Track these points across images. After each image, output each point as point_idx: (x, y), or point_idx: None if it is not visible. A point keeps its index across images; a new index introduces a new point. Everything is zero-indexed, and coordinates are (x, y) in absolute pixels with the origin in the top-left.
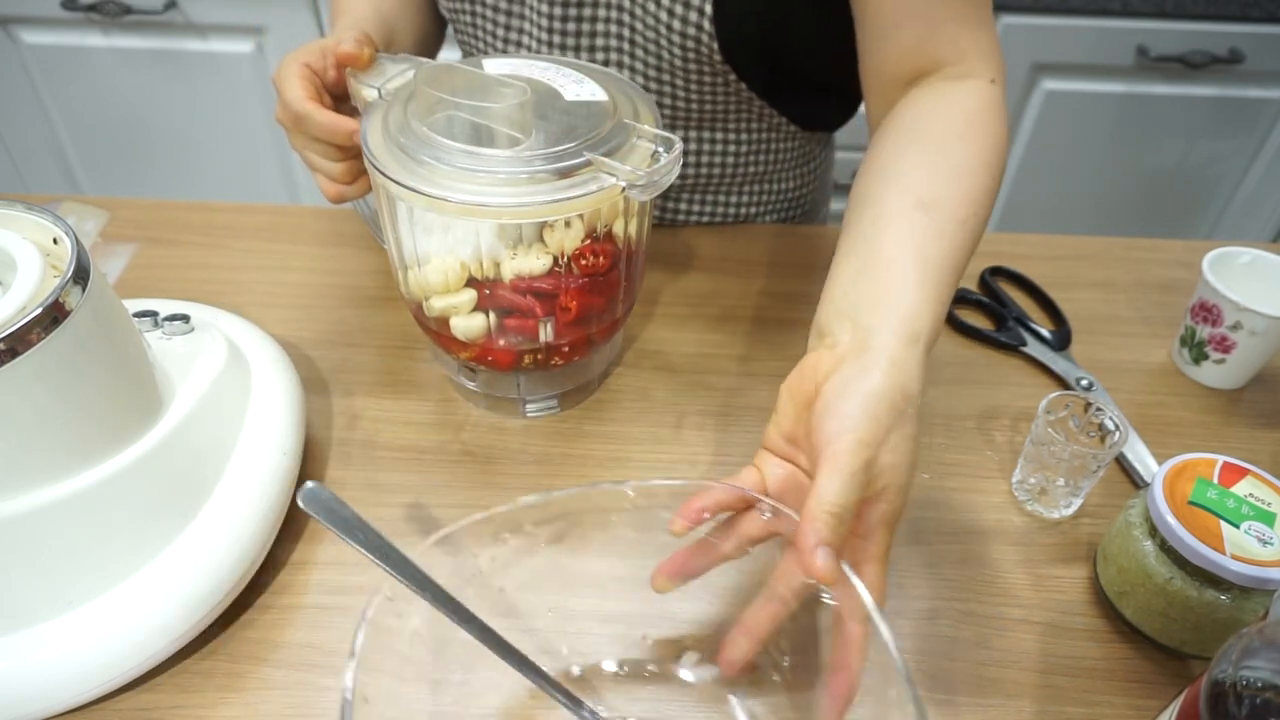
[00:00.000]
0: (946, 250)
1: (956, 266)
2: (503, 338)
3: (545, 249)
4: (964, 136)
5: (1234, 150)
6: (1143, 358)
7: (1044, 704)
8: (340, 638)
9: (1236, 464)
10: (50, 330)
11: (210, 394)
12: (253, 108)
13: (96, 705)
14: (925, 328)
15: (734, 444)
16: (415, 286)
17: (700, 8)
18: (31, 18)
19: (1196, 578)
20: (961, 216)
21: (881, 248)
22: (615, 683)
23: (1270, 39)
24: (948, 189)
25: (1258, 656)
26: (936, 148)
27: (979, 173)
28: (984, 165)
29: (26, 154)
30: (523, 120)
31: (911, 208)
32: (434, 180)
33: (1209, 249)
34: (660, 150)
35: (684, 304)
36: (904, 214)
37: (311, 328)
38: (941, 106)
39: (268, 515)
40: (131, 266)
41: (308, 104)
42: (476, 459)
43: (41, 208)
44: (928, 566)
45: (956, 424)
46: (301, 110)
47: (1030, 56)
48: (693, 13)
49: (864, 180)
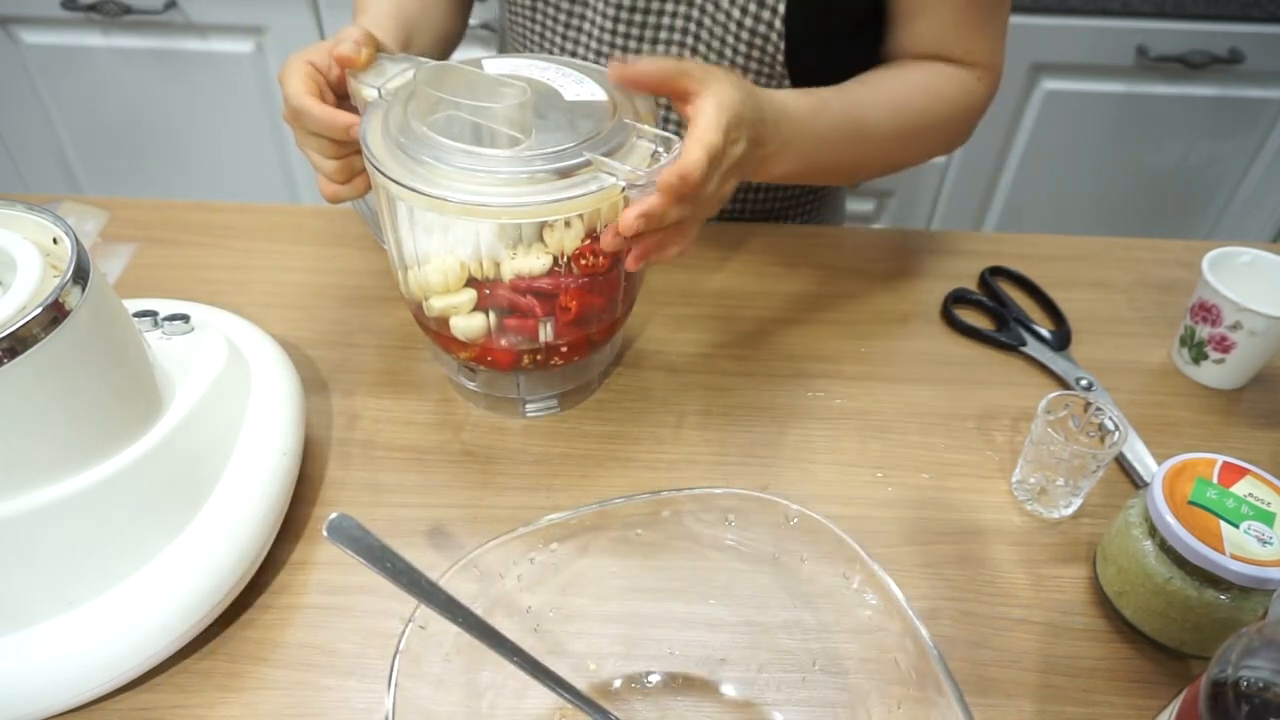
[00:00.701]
0: (850, 99)
1: (849, 115)
2: (503, 338)
3: (545, 249)
4: (922, 72)
5: (1234, 150)
6: (1142, 358)
7: (1043, 704)
8: (340, 637)
9: (1236, 464)
10: (50, 330)
11: (210, 394)
12: (253, 108)
13: (96, 705)
14: (793, 108)
15: (734, 444)
16: (415, 286)
17: (774, 7)
18: (31, 18)
19: (1196, 577)
20: (878, 98)
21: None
22: (651, 697)
23: (1270, 39)
24: (881, 83)
25: (1257, 656)
26: (894, 69)
27: (915, 91)
28: (926, 95)
29: (26, 154)
30: (523, 120)
31: (847, 82)
32: (434, 180)
33: (1209, 249)
34: (660, 150)
35: (684, 304)
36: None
37: (311, 328)
38: (923, 64)
39: (268, 515)
40: (131, 266)
41: (306, 98)
42: (476, 459)
43: (41, 208)
44: (928, 566)
45: (956, 424)
46: (299, 104)
47: (1030, 56)
48: (765, 11)
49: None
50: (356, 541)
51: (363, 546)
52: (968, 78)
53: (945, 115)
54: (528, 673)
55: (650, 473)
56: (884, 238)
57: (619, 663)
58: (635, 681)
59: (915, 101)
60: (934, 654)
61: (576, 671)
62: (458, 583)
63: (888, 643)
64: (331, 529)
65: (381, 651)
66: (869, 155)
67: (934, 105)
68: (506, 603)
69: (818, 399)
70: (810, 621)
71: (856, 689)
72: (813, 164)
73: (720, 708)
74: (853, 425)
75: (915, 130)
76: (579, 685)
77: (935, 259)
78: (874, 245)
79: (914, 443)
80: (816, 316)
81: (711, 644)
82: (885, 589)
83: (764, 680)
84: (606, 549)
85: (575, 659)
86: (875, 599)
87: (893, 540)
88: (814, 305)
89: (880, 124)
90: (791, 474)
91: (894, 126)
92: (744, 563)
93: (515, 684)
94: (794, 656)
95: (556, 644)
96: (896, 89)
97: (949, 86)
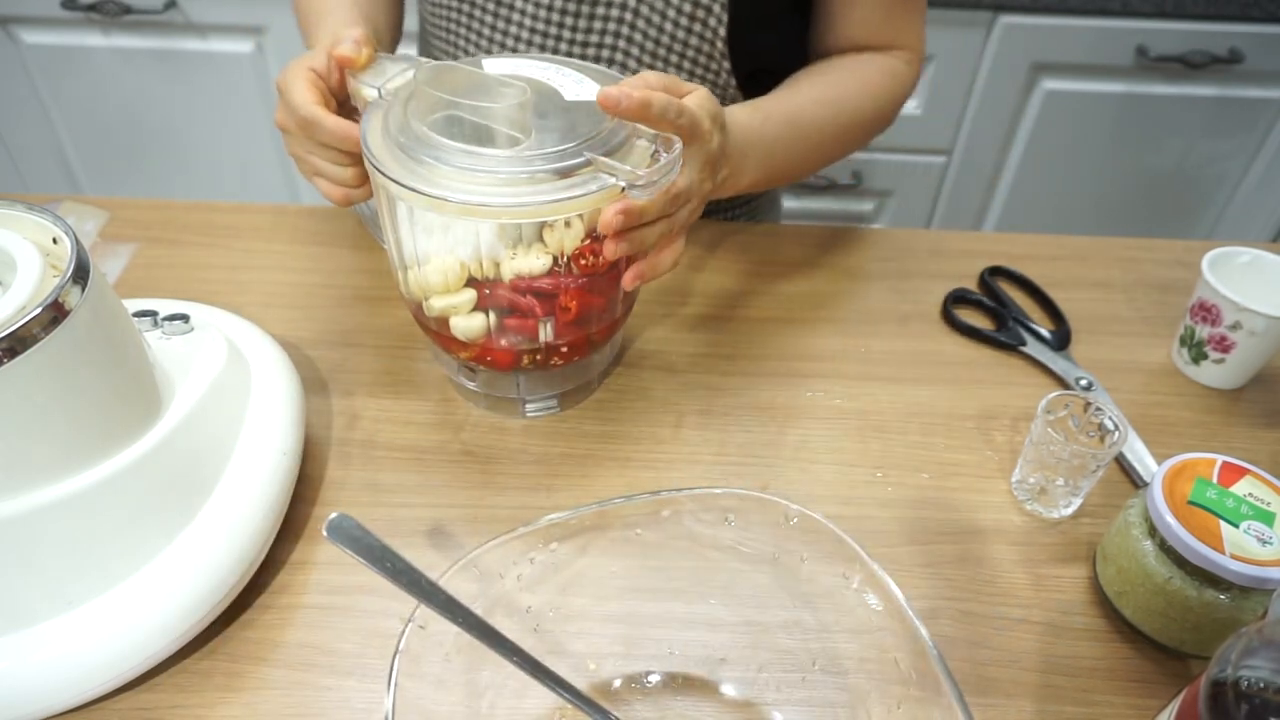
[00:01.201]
0: (790, 104)
1: (792, 119)
2: (502, 338)
3: (545, 249)
4: (851, 69)
5: (1234, 150)
6: (1142, 357)
7: (1043, 703)
8: (339, 637)
9: (1236, 464)
10: (50, 330)
11: (210, 394)
12: (253, 108)
13: (96, 705)
14: (744, 119)
15: (734, 444)
16: (415, 286)
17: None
18: (31, 18)
19: (1196, 577)
20: (815, 97)
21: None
22: (651, 697)
23: (1270, 39)
24: (814, 82)
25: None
26: (823, 67)
27: (845, 86)
28: (858, 89)
29: (26, 154)
30: (522, 120)
31: (782, 86)
32: (434, 180)
33: (1209, 249)
34: (659, 150)
35: (684, 304)
36: (775, 89)
37: (311, 328)
38: (849, 58)
39: (268, 515)
40: (131, 266)
41: (316, 109)
42: (476, 459)
43: (41, 208)
44: (927, 566)
45: (956, 424)
46: (310, 115)
47: (1030, 56)
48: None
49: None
50: (356, 541)
51: (363, 546)
52: (896, 65)
53: (878, 108)
54: (528, 673)
55: (650, 473)
56: (884, 238)
57: (619, 663)
58: (635, 681)
59: (850, 99)
60: (934, 654)
61: (576, 671)
62: (458, 583)
63: (888, 643)
64: (331, 529)
65: (381, 651)
66: (814, 156)
67: (867, 100)
68: (506, 603)
69: (817, 399)
70: (810, 621)
71: (856, 689)
72: (768, 172)
73: (720, 708)
74: (853, 425)
75: (852, 125)
76: (579, 685)
77: (935, 259)
78: (874, 245)
79: (914, 443)
80: (816, 316)
81: (711, 644)
82: (885, 589)
83: (764, 680)
84: (606, 549)
85: (575, 659)
86: (875, 599)
87: (893, 540)
88: (814, 305)
89: (822, 126)
90: (791, 474)
91: (834, 126)
92: (744, 563)
93: (515, 684)
94: (794, 656)
95: (556, 644)
96: (833, 89)
97: (880, 79)
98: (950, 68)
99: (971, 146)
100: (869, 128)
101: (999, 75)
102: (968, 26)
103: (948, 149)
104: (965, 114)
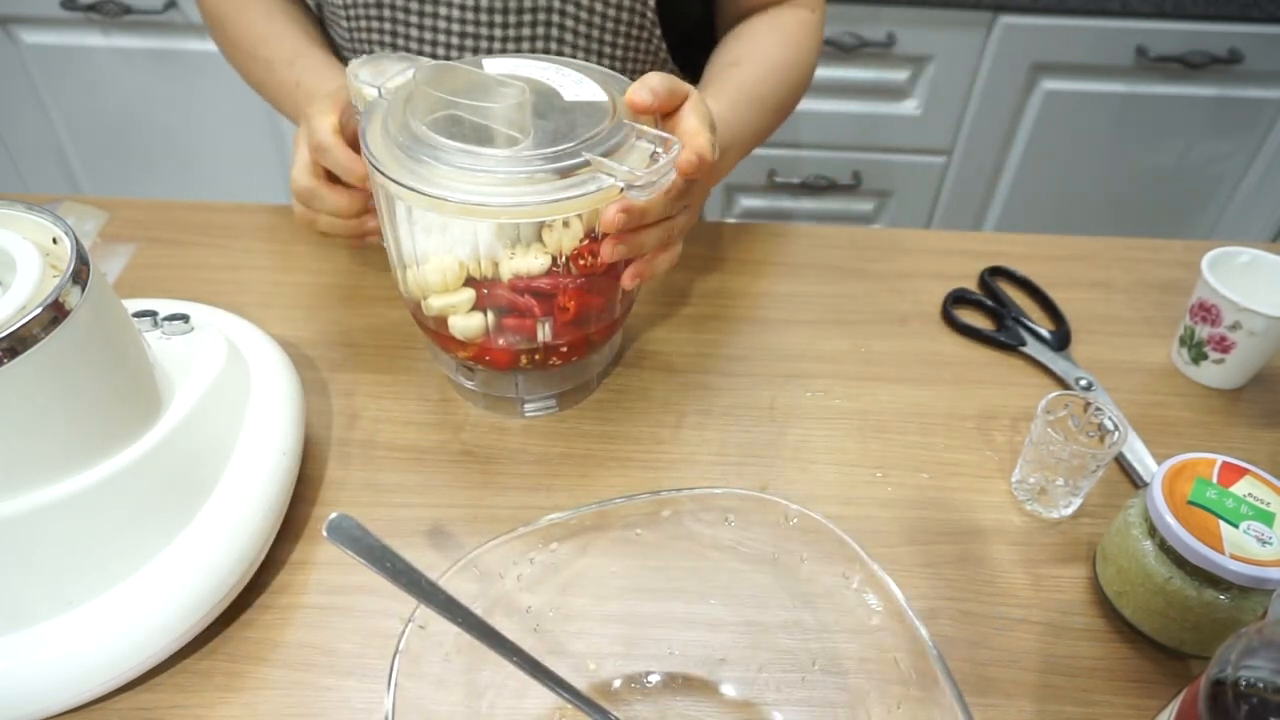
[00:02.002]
0: (746, 84)
1: (755, 96)
2: (501, 337)
3: (544, 249)
4: (774, 30)
5: (1234, 150)
6: (1142, 358)
7: (1043, 703)
8: (339, 637)
9: (1235, 464)
10: (50, 330)
11: (210, 394)
12: (253, 108)
13: (96, 705)
14: (722, 115)
15: (734, 444)
16: (414, 286)
17: None
18: (31, 18)
19: (1195, 577)
20: (760, 71)
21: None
22: (651, 697)
23: (1270, 39)
24: (752, 55)
25: (1257, 656)
26: (750, 35)
27: (782, 48)
28: (788, 49)
29: (26, 154)
30: (521, 120)
31: (725, 64)
32: (433, 180)
33: (1209, 249)
34: (659, 150)
35: (684, 304)
36: (718, 69)
37: (311, 328)
38: (765, 20)
39: (268, 515)
40: (131, 266)
41: (331, 137)
42: (476, 459)
43: (41, 208)
44: (927, 566)
45: (956, 424)
46: (323, 140)
47: (1030, 56)
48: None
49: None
50: (356, 541)
51: (363, 546)
52: (804, 16)
53: (807, 59)
54: (528, 673)
55: (650, 473)
56: (884, 238)
57: (619, 663)
58: (635, 681)
59: (786, 60)
60: (934, 654)
61: (576, 671)
62: (458, 583)
63: (888, 643)
64: (331, 529)
65: (381, 651)
66: (773, 126)
67: (799, 55)
68: (506, 603)
69: (818, 399)
70: (810, 621)
71: (856, 689)
72: (743, 154)
73: (720, 708)
74: (853, 425)
75: (794, 84)
76: (579, 685)
77: (935, 259)
78: (874, 245)
79: (914, 443)
80: (816, 316)
81: (711, 644)
82: (885, 589)
83: (764, 680)
84: (606, 549)
85: (575, 659)
86: (875, 599)
87: (893, 540)
88: (814, 305)
89: (779, 95)
90: (791, 474)
91: (786, 90)
92: (744, 563)
93: (515, 684)
94: (794, 656)
95: (556, 644)
96: (769, 56)
97: (800, 34)
98: (950, 68)
99: (971, 146)
100: (803, 85)
101: (999, 75)
102: (968, 26)
103: (948, 149)
104: (965, 114)
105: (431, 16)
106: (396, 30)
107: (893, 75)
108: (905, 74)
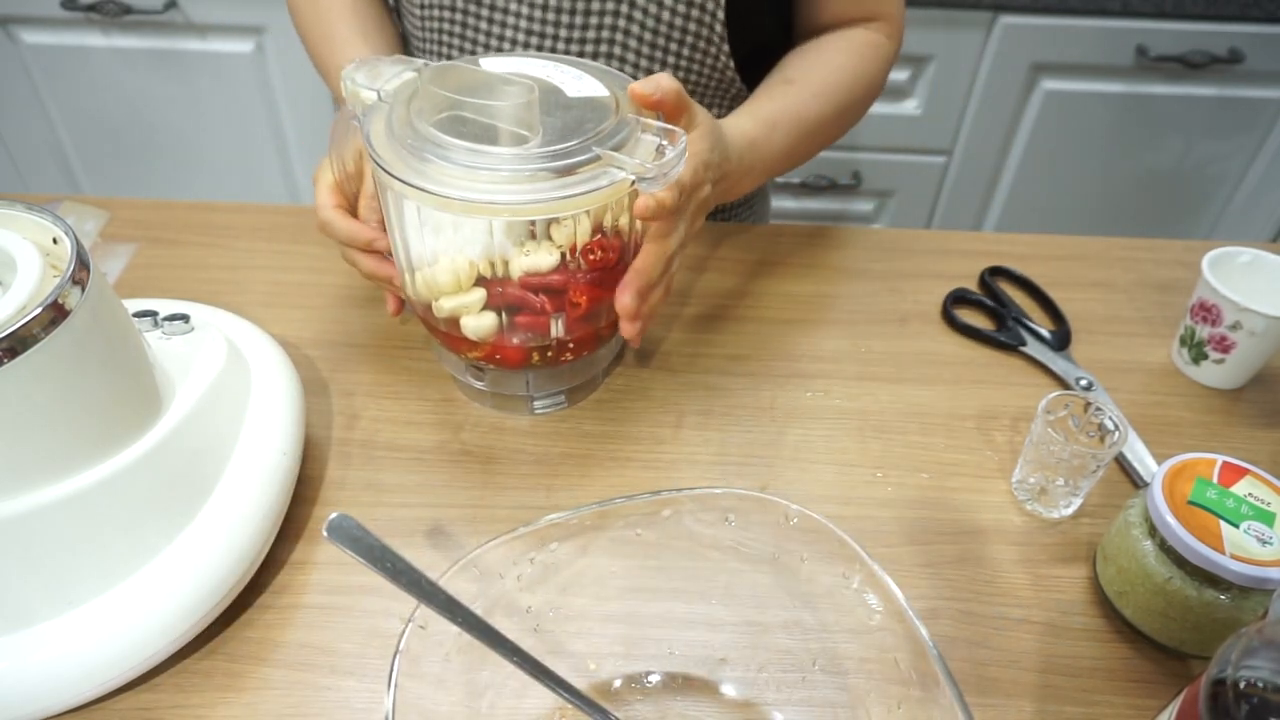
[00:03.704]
0: (792, 104)
1: (798, 118)
2: (513, 335)
3: (554, 245)
4: (841, 51)
5: (1234, 150)
6: (1142, 358)
7: (1043, 703)
8: (340, 637)
9: (1236, 464)
10: (50, 330)
11: (210, 394)
12: (253, 108)
13: (96, 705)
14: (753, 135)
15: (734, 444)
16: (424, 288)
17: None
18: (31, 18)
19: (1196, 577)
20: (814, 90)
21: (752, 99)
22: (651, 697)
23: (1270, 39)
24: (809, 74)
25: (1257, 656)
26: (816, 52)
27: (843, 71)
28: (850, 72)
29: (26, 154)
30: (530, 118)
31: (778, 81)
32: (442, 179)
33: (1209, 249)
34: (664, 144)
35: (684, 304)
36: (771, 84)
37: (311, 328)
38: (837, 39)
39: (268, 515)
40: (131, 266)
41: (330, 212)
42: (476, 459)
43: (41, 208)
44: (927, 566)
45: (956, 424)
46: (324, 218)
47: (1030, 56)
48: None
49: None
50: (356, 541)
51: (363, 546)
52: (879, 40)
53: (869, 86)
54: (528, 673)
55: (650, 472)
56: (884, 238)
57: (619, 663)
58: (635, 681)
59: (843, 84)
60: (934, 654)
61: (576, 671)
62: (458, 583)
63: (888, 643)
64: (331, 529)
65: (381, 651)
66: (814, 149)
67: (858, 81)
68: (506, 603)
69: (817, 399)
70: (810, 621)
71: (856, 689)
72: (769, 176)
73: (720, 708)
74: (853, 425)
75: (847, 110)
76: (579, 685)
77: (935, 259)
78: (874, 245)
79: (914, 443)
80: (816, 316)
81: (711, 644)
82: (885, 589)
83: (764, 680)
84: (606, 549)
85: (575, 659)
86: (875, 599)
87: (893, 540)
88: (814, 305)
89: (821, 116)
90: (791, 474)
91: (834, 114)
92: (744, 563)
93: (515, 684)
94: (794, 656)
95: (556, 644)
96: (826, 77)
97: (867, 57)
98: (950, 68)
99: (971, 146)
100: (860, 109)
101: (999, 75)
102: (968, 26)
103: (948, 149)
104: (965, 114)
105: (502, 12)
106: (467, 24)
107: (893, 75)
108: (905, 74)
